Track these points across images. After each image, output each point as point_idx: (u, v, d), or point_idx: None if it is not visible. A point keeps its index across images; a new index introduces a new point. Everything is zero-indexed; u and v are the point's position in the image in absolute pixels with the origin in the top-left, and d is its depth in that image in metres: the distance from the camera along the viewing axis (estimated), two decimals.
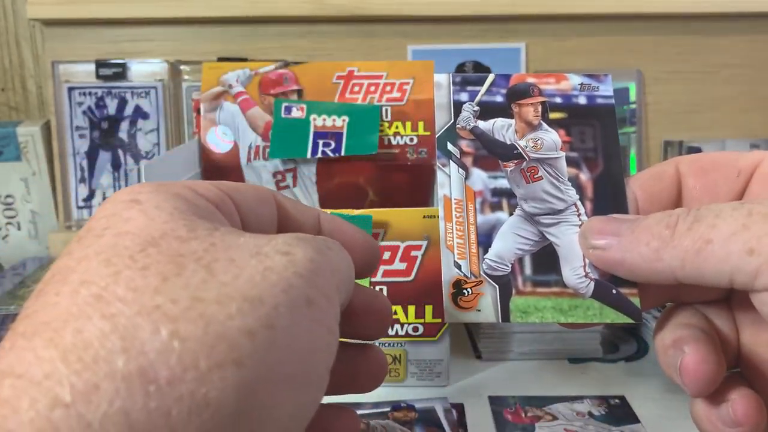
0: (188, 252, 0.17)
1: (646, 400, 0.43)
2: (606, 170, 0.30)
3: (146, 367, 0.14)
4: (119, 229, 0.17)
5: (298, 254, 0.18)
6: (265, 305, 0.16)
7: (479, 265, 0.29)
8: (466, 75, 0.31)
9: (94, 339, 0.14)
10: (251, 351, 0.15)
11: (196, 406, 0.14)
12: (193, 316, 0.15)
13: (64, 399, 0.13)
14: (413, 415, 0.41)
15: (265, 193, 0.22)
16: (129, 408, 0.14)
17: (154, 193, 0.18)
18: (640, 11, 0.64)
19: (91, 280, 0.15)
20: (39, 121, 0.67)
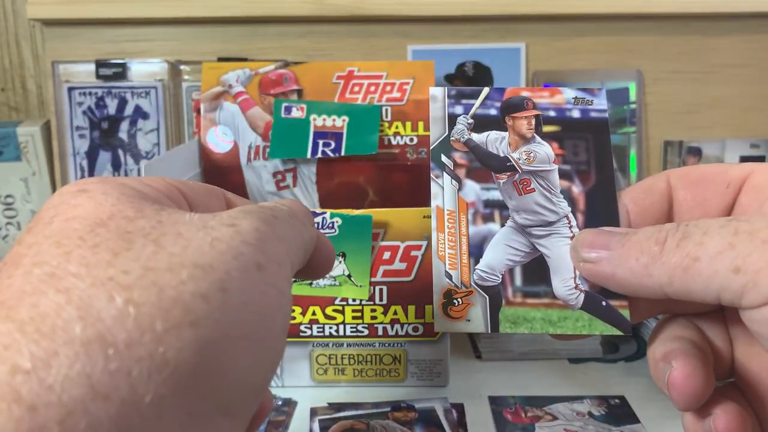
0: (136, 229, 0.17)
1: (645, 400, 0.43)
2: (598, 183, 0.30)
3: (104, 332, 0.15)
4: (68, 215, 0.17)
5: (244, 225, 0.19)
6: (217, 271, 0.17)
7: (470, 275, 0.29)
8: (461, 88, 0.32)
9: (50, 311, 0.15)
10: (206, 312, 0.16)
11: (156, 366, 0.15)
12: (146, 284, 0.16)
13: (24, 366, 0.14)
14: (413, 415, 0.41)
15: (214, 189, 0.23)
16: (90, 370, 0.14)
17: (100, 183, 0.19)
18: (640, 11, 0.64)
19: (43, 260, 0.16)
20: (39, 121, 0.67)
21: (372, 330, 0.43)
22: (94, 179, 0.19)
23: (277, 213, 0.21)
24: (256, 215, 0.20)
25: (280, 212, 0.21)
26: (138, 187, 0.19)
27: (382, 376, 0.44)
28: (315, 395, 0.43)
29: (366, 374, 0.44)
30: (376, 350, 0.44)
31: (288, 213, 0.22)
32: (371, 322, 0.43)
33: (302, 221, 0.23)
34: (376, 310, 0.43)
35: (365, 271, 0.42)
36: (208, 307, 0.16)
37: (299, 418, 0.41)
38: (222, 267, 0.17)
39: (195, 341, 0.16)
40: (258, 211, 0.20)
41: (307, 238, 0.23)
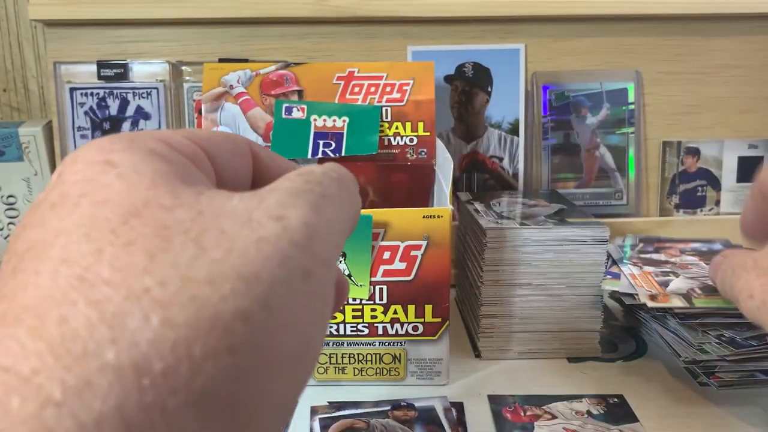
0: (174, 223, 0.15)
1: (644, 399, 0.43)
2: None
3: (138, 360, 0.13)
4: (97, 196, 0.15)
5: (293, 218, 0.16)
6: (261, 283, 0.15)
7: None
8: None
9: (82, 329, 0.13)
10: (246, 335, 0.14)
11: (191, 398, 0.13)
12: (185, 300, 0.14)
13: (55, 397, 0.12)
14: (413, 413, 0.41)
15: (241, 144, 0.21)
16: (123, 404, 0.13)
17: (128, 152, 0.16)
18: (638, 12, 0.65)
19: (72, 258, 0.14)
20: (41, 121, 0.67)
21: (372, 329, 0.44)
22: (119, 145, 0.17)
23: (326, 190, 0.18)
24: (305, 200, 0.17)
25: (330, 188, 0.19)
26: (168, 155, 0.17)
27: (382, 375, 0.45)
28: (315, 394, 0.44)
29: (366, 373, 0.45)
30: (376, 349, 0.44)
31: (338, 185, 0.19)
32: (371, 321, 0.43)
33: (350, 189, 0.20)
34: (376, 310, 0.43)
35: (365, 270, 0.42)
36: (249, 329, 0.14)
37: (300, 416, 0.41)
38: (267, 278, 0.15)
39: (233, 370, 0.14)
40: (306, 193, 0.18)
41: (356, 210, 0.20)
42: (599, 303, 0.48)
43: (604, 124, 0.67)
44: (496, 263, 0.47)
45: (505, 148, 0.67)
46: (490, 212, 0.51)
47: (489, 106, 0.66)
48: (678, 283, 0.47)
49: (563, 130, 0.67)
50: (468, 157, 0.67)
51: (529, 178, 0.67)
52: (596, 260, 0.47)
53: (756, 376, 0.43)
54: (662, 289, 0.46)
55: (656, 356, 0.49)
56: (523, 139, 0.67)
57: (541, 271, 0.47)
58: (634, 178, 0.68)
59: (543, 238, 0.46)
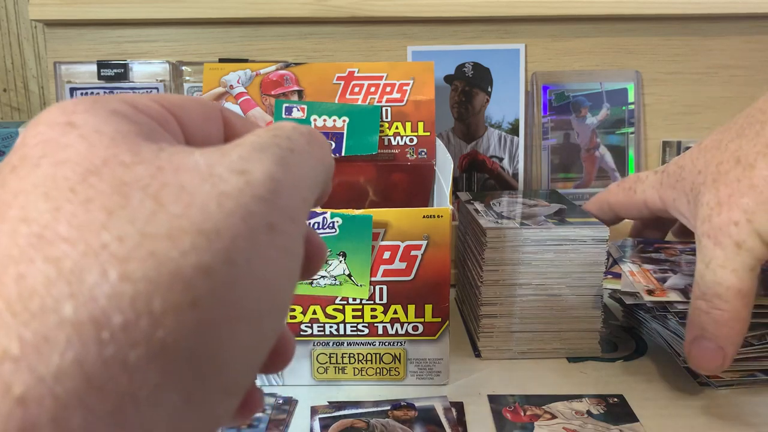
0: (133, 179, 0.15)
1: (644, 399, 0.43)
2: None
3: (97, 314, 0.13)
4: (57, 157, 0.15)
5: (256, 172, 0.16)
6: (223, 238, 0.15)
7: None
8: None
9: (40, 285, 0.13)
10: (209, 290, 0.14)
11: (153, 351, 0.13)
12: (144, 255, 0.14)
13: (13, 352, 0.12)
14: (413, 413, 0.41)
15: (211, 110, 0.21)
16: (83, 358, 0.13)
17: (90, 113, 0.16)
18: (638, 12, 0.65)
19: (30, 217, 0.14)
20: None
21: (372, 329, 0.44)
22: (81, 106, 0.17)
23: (294, 144, 0.18)
24: (270, 154, 0.17)
25: (298, 142, 0.18)
26: (132, 116, 0.17)
27: (382, 375, 0.45)
28: (315, 394, 0.44)
29: (366, 373, 0.45)
30: (376, 349, 0.44)
31: (307, 140, 0.19)
32: (371, 321, 0.44)
33: (321, 145, 0.20)
34: (376, 310, 0.43)
35: (365, 270, 0.42)
36: (211, 283, 0.14)
37: (300, 416, 0.41)
38: (228, 233, 0.15)
39: (196, 323, 0.14)
40: (272, 147, 0.17)
41: (327, 165, 0.20)
42: (599, 303, 0.48)
43: (604, 124, 0.67)
44: (496, 263, 0.47)
45: (505, 148, 0.67)
46: (490, 212, 0.51)
47: (489, 106, 0.66)
48: (675, 280, 0.47)
49: (563, 130, 0.67)
50: (468, 157, 0.67)
51: (529, 178, 0.67)
52: (596, 260, 0.47)
53: (756, 375, 0.43)
54: (659, 285, 0.46)
55: (656, 356, 0.49)
56: (523, 139, 0.67)
57: (541, 271, 0.47)
58: None
59: (543, 238, 0.46)
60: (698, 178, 0.41)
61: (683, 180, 0.43)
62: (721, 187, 0.38)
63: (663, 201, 0.45)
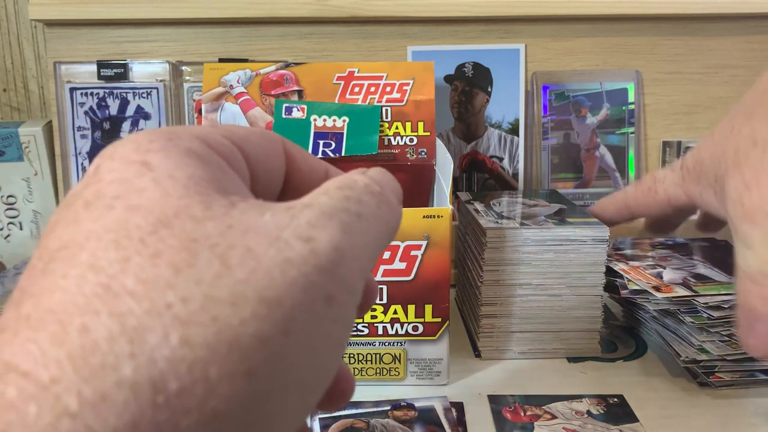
0: (203, 236, 0.15)
1: (644, 399, 0.43)
2: None
3: (155, 377, 0.13)
4: (131, 201, 0.15)
5: (322, 241, 0.16)
6: (282, 308, 0.15)
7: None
8: None
9: (102, 341, 0.13)
10: (264, 360, 0.14)
11: (205, 420, 0.14)
12: (205, 320, 0.14)
13: (72, 409, 0.13)
14: (413, 413, 0.41)
15: (275, 144, 0.21)
16: (137, 421, 0.13)
17: (164, 154, 0.16)
18: (638, 12, 0.65)
19: (99, 265, 0.14)
20: (41, 121, 0.67)
21: (372, 329, 0.44)
22: (156, 142, 0.17)
23: (363, 209, 0.18)
24: (338, 221, 0.17)
25: (368, 206, 0.18)
26: (204, 156, 0.17)
27: (382, 375, 0.45)
28: None
29: (366, 373, 0.45)
30: (376, 349, 0.44)
31: (377, 202, 0.19)
32: (371, 321, 0.44)
33: (391, 204, 0.19)
34: (376, 310, 0.43)
35: (372, 267, 0.42)
36: (266, 353, 0.14)
37: None
38: (289, 303, 0.15)
39: (249, 394, 0.14)
40: (341, 212, 0.17)
41: (393, 226, 0.20)
42: (599, 303, 0.48)
43: (604, 124, 0.67)
44: (496, 263, 0.47)
45: (505, 148, 0.67)
46: (490, 212, 0.51)
47: (489, 106, 0.66)
48: (670, 275, 0.47)
49: (563, 130, 0.67)
50: (468, 157, 0.67)
51: (529, 178, 0.67)
52: (596, 260, 0.47)
53: (756, 375, 0.43)
54: (660, 281, 0.46)
55: (656, 356, 0.49)
56: (523, 139, 0.67)
57: (541, 271, 0.47)
58: (634, 178, 0.68)
59: (543, 238, 0.46)
60: (720, 168, 0.41)
61: (705, 173, 0.42)
62: (745, 170, 0.38)
63: (689, 196, 0.45)
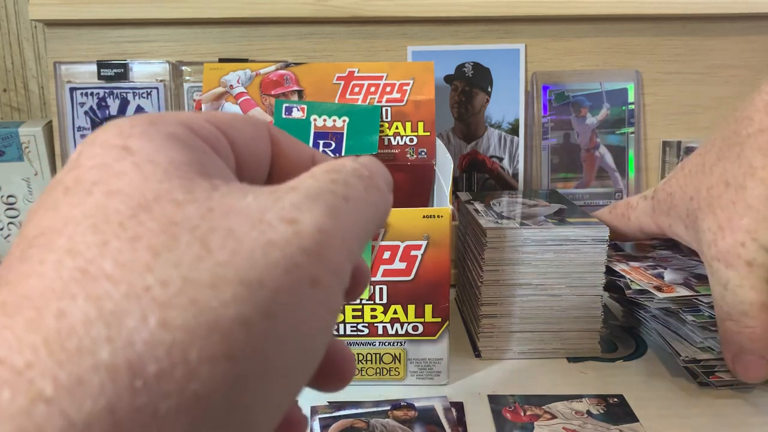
0: (183, 219, 0.15)
1: (644, 399, 0.43)
2: None
3: (133, 360, 0.13)
4: (110, 185, 0.15)
5: (306, 222, 0.16)
6: (264, 290, 0.14)
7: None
8: None
9: (79, 324, 0.13)
10: (246, 343, 0.14)
11: (185, 403, 0.13)
12: (185, 302, 0.14)
13: (46, 393, 0.12)
14: (413, 413, 0.41)
15: (260, 128, 0.20)
16: (114, 405, 0.13)
17: (146, 138, 0.16)
18: (638, 12, 0.65)
19: (77, 249, 0.14)
20: (41, 121, 0.67)
21: (372, 329, 0.44)
22: (138, 129, 0.16)
23: (350, 191, 0.18)
24: (322, 202, 0.16)
25: (355, 188, 0.18)
26: (187, 139, 0.17)
27: (382, 375, 0.45)
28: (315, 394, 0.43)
29: (366, 373, 0.45)
30: (376, 349, 0.44)
31: (365, 186, 0.18)
32: (371, 321, 0.44)
33: (380, 189, 0.19)
34: (376, 310, 0.43)
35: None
36: (248, 336, 0.14)
37: None
38: (271, 285, 0.15)
39: (230, 377, 0.14)
40: (327, 194, 0.17)
41: (383, 211, 0.19)
42: (599, 303, 0.48)
43: (604, 124, 0.67)
44: (496, 263, 0.47)
45: (505, 148, 0.67)
46: (490, 212, 0.51)
47: (489, 106, 0.66)
48: (671, 275, 0.47)
49: (563, 130, 0.67)
50: (468, 157, 0.67)
51: (529, 178, 0.67)
52: (596, 260, 0.47)
53: None
54: (661, 281, 0.46)
55: (656, 356, 0.49)
56: (523, 139, 0.67)
57: (541, 271, 0.47)
58: (634, 178, 0.68)
59: (543, 238, 0.46)
60: (692, 204, 0.42)
61: (676, 207, 0.44)
62: (717, 211, 0.40)
63: (659, 227, 0.47)
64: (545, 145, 0.67)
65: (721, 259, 0.40)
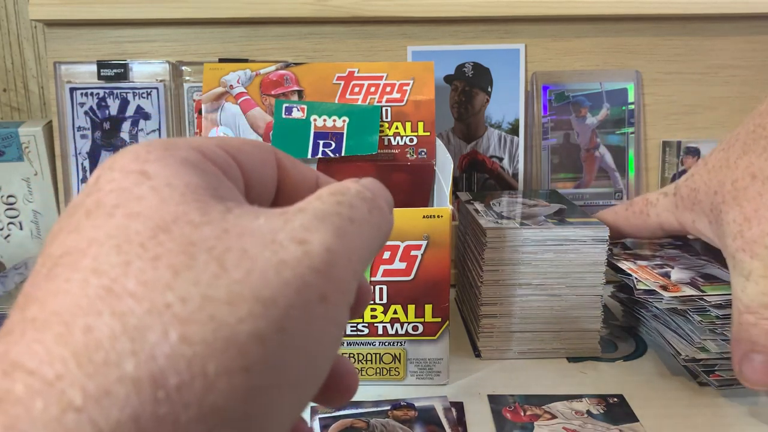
0: (200, 240, 0.16)
1: (644, 398, 0.43)
2: None
3: (155, 373, 0.14)
4: (130, 209, 0.16)
5: (315, 243, 0.17)
6: (278, 307, 0.15)
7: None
8: None
9: (105, 339, 0.14)
10: (261, 357, 0.15)
11: (203, 414, 0.14)
12: (203, 318, 0.15)
13: (76, 403, 0.13)
14: (413, 413, 0.41)
15: (267, 153, 0.21)
16: (139, 414, 0.13)
17: (162, 163, 0.17)
18: (638, 12, 0.65)
19: (101, 269, 0.15)
20: (41, 121, 0.67)
21: (372, 329, 0.44)
22: (154, 154, 0.17)
23: (355, 213, 0.19)
24: (330, 224, 0.17)
25: (359, 211, 0.19)
26: (200, 165, 0.18)
27: (382, 375, 0.45)
28: None
29: (366, 373, 0.45)
30: (376, 349, 0.44)
31: (368, 208, 0.19)
32: (371, 321, 0.44)
33: (382, 211, 0.20)
34: (376, 309, 0.43)
35: (365, 270, 0.42)
36: (263, 351, 0.15)
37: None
38: (284, 302, 0.16)
39: (246, 389, 0.15)
40: (333, 216, 0.18)
41: (385, 232, 0.20)
42: (599, 303, 0.48)
43: (604, 124, 0.67)
44: (496, 263, 0.47)
45: (505, 148, 0.67)
46: (490, 212, 0.51)
47: (489, 106, 0.66)
48: (678, 274, 0.47)
49: (563, 130, 0.67)
50: (468, 157, 0.67)
51: (529, 178, 0.67)
52: (596, 260, 0.47)
53: None
54: (668, 280, 0.46)
55: (656, 356, 0.49)
56: (523, 139, 0.67)
57: (541, 271, 0.47)
58: (633, 178, 0.68)
59: (543, 238, 0.46)
60: (716, 198, 0.42)
61: (700, 202, 0.44)
62: (743, 203, 0.40)
63: (681, 223, 0.46)
64: (545, 145, 0.67)
65: (747, 250, 0.39)
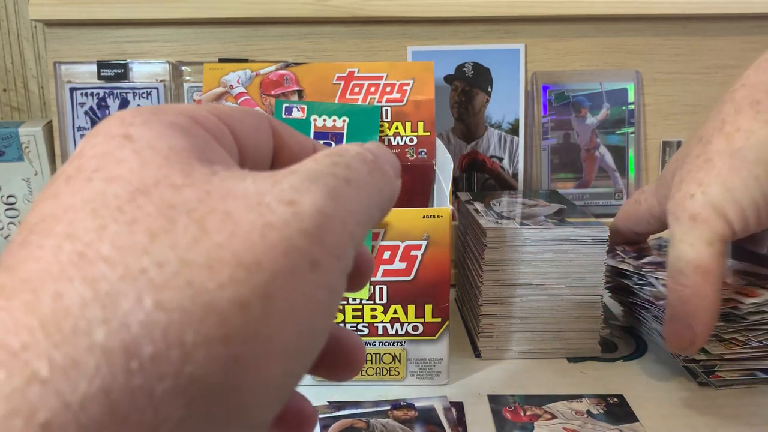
0: (181, 202, 0.15)
1: (644, 398, 0.43)
2: None
3: (128, 342, 0.13)
4: (110, 172, 0.15)
5: (305, 204, 0.16)
6: (262, 272, 0.14)
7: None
8: None
9: (74, 306, 0.13)
10: (243, 325, 0.14)
11: (180, 385, 0.13)
12: (180, 284, 0.14)
13: (41, 374, 0.12)
14: (413, 413, 0.41)
15: (262, 121, 0.20)
16: (110, 386, 0.12)
17: (147, 126, 0.16)
18: (638, 12, 0.65)
19: (75, 234, 0.14)
20: (41, 121, 0.67)
21: (372, 329, 0.44)
22: (139, 117, 0.16)
23: (353, 174, 0.17)
24: (322, 184, 0.16)
25: (358, 171, 0.18)
26: (189, 128, 0.17)
27: (382, 375, 0.45)
28: (315, 394, 0.44)
29: (366, 373, 0.45)
30: (377, 349, 0.44)
31: (369, 169, 0.18)
32: (371, 321, 0.44)
33: (385, 173, 0.19)
34: (376, 310, 0.43)
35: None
36: (245, 318, 0.14)
37: None
38: (269, 267, 0.14)
39: (226, 359, 0.14)
40: (327, 176, 0.17)
41: (388, 196, 0.19)
42: (599, 303, 0.48)
43: (604, 124, 0.67)
44: (496, 263, 0.47)
45: (505, 148, 0.67)
46: (490, 212, 0.51)
47: (489, 106, 0.66)
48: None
49: (563, 130, 0.67)
50: (468, 157, 0.67)
51: (529, 178, 0.67)
52: (596, 260, 0.47)
53: (756, 375, 0.43)
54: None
55: (656, 356, 0.49)
56: (523, 139, 0.67)
57: (541, 271, 0.47)
58: (634, 178, 0.68)
59: (543, 238, 0.46)
60: (677, 165, 0.41)
61: (667, 175, 0.43)
62: (685, 165, 0.39)
63: (660, 205, 0.45)
64: (545, 145, 0.67)
65: (672, 212, 0.38)
